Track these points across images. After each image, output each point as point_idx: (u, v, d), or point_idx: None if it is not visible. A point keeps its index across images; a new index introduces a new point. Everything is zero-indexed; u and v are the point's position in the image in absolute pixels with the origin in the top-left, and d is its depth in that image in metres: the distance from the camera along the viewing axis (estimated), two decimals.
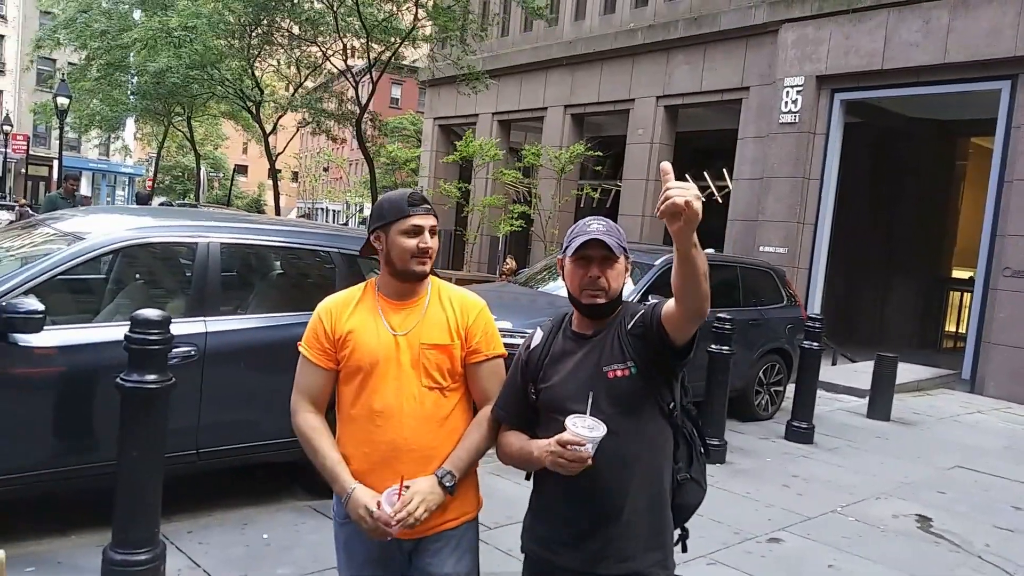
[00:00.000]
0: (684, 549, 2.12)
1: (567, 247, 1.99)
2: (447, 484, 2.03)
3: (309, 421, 2.10)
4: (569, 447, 1.80)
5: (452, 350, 2.11)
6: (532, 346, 2.10)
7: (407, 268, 2.07)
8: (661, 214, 1.65)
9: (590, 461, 1.81)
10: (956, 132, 15.00)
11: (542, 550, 2.04)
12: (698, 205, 1.63)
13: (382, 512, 1.93)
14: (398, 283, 2.11)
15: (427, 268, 2.09)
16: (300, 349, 2.14)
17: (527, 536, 2.11)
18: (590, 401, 1.87)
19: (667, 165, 1.68)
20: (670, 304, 1.84)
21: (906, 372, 10.19)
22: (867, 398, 8.73)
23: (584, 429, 1.81)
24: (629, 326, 1.95)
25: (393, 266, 2.09)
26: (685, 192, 1.62)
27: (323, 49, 19.87)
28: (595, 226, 1.99)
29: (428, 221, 2.09)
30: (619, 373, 1.92)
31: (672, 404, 1.96)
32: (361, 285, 2.19)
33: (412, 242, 2.06)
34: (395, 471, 2.00)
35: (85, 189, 43.95)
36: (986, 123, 11.65)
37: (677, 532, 2.09)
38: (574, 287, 1.99)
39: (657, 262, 7.39)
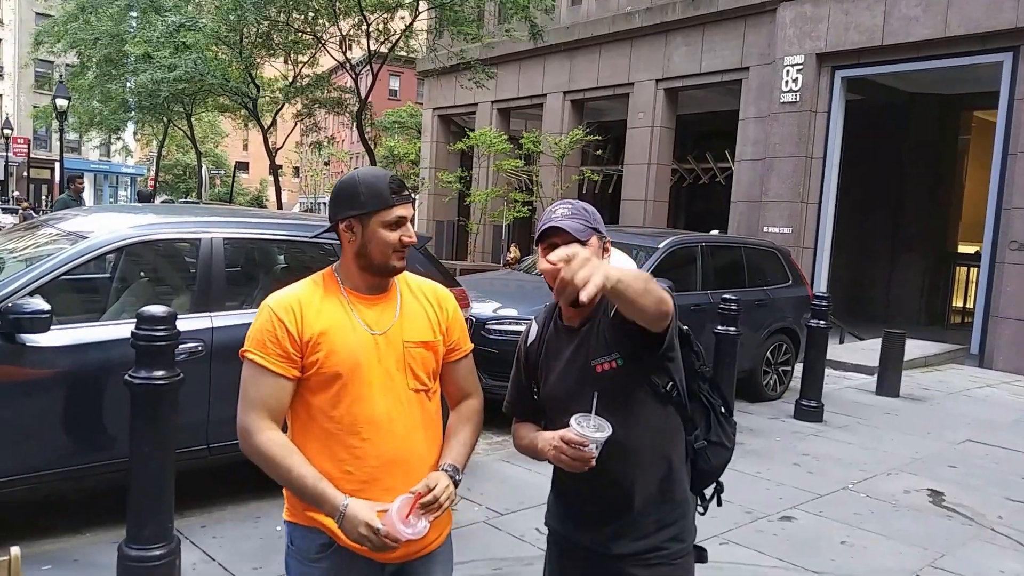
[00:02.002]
0: (719, 503, 2.13)
1: (535, 234, 1.96)
2: (456, 479, 1.86)
3: (274, 438, 1.77)
4: (573, 446, 1.78)
5: (436, 347, 1.94)
6: (529, 341, 2.07)
7: (386, 263, 1.85)
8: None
9: (593, 462, 1.80)
10: (958, 106, 14.90)
11: (561, 528, 2.07)
12: (592, 288, 1.49)
13: (392, 526, 1.70)
14: (370, 277, 1.88)
15: (404, 263, 1.88)
16: (250, 356, 1.80)
17: (549, 514, 2.13)
18: (595, 401, 1.83)
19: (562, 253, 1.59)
20: None
21: (914, 348, 10.18)
22: (876, 375, 8.72)
23: (590, 429, 1.78)
24: (611, 315, 1.89)
25: (368, 259, 1.84)
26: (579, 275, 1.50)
27: (319, 38, 19.78)
28: (559, 211, 1.92)
29: (409, 211, 1.88)
30: (606, 366, 1.87)
31: (670, 384, 1.92)
32: (315, 278, 1.92)
33: (395, 235, 1.83)
34: (384, 488, 1.79)
35: (87, 191, 44.01)
36: (988, 96, 11.57)
37: (711, 488, 2.09)
38: (547, 275, 1.92)
39: (661, 245, 7.38)
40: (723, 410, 2.04)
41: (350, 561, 1.82)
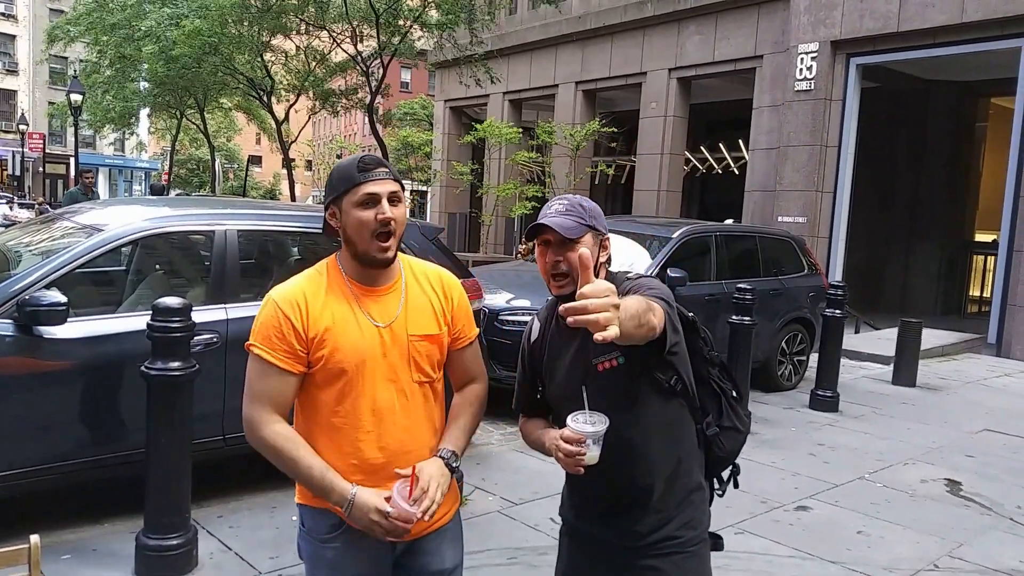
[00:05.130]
0: (736, 485, 2.11)
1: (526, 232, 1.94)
2: (453, 464, 1.86)
3: (280, 431, 1.78)
4: (573, 444, 1.76)
5: (442, 339, 1.91)
6: (532, 339, 2.04)
7: (368, 252, 1.79)
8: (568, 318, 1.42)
9: (588, 460, 1.76)
10: (976, 93, 14.73)
11: (574, 519, 2.07)
12: (614, 333, 1.41)
13: (400, 508, 1.72)
14: (363, 267, 1.82)
15: (390, 254, 1.80)
16: (256, 352, 1.79)
17: (563, 506, 2.12)
18: (585, 396, 1.81)
19: (585, 255, 1.51)
20: None
21: (931, 337, 10.10)
22: (892, 365, 8.66)
23: (585, 425, 1.76)
24: None
25: (354, 246, 1.81)
26: (601, 316, 1.39)
27: (333, 35, 19.81)
28: (554, 207, 1.89)
29: (386, 187, 1.78)
30: (607, 364, 1.84)
31: (675, 378, 1.88)
32: (319, 267, 1.88)
33: (369, 214, 1.76)
34: (388, 479, 1.79)
35: (102, 185, 44.30)
36: (1006, 83, 11.44)
37: (727, 471, 2.07)
38: (542, 273, 1.91)
39: (674, 235, 7.35)
40: (735, 394, 2.02)
41: (361, 541, 1.82)
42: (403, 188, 1.86)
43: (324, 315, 1.79)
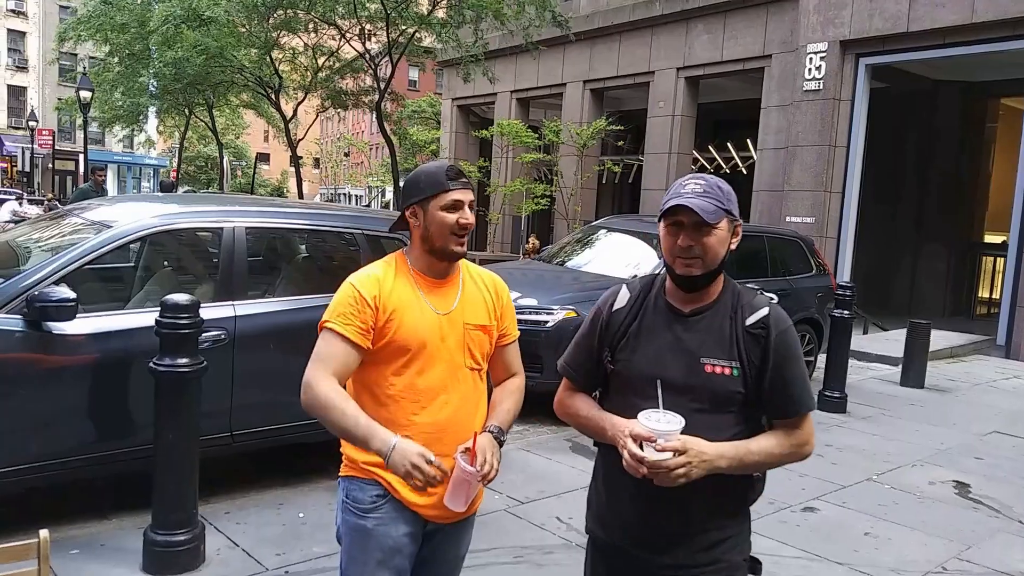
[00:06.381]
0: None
1: (661, 209, 1.79)
2: (501, 439, 2.01)
3: (335, 387, 1.90)
4: (637, 441, 1.67)
5: (491, 331, 2.10)
6: (616, 307, 1.89)
7: (446, 247, 2.00)
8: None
9: (646, 466, 1.67)
10: (985, 94, 14.65)
11: (607, 536, 1.92)
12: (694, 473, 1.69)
13: (466, 471, 1.86)
14: (435, 261, 2.03)
15: (464, 248, 2.03)
16: (331, 326, 1.95)
17: (591, 516, 1.97)
18: (660, 393, 1.72)
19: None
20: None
21: (939, 339, 10.06)
22: (900, 366, 8.62)
23: (661, 424, 1.67)
24: (748, 322, 1.77)
25: (431, 243, 2.00)
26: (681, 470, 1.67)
27: (342, 31, 19.83)
28: (690, 186, 1.75)
29: (467, 196, 2.02)
30: (719, 370, 1.75)
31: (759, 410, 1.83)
32: (389, 260, 2.08)
33: (452, 217, 1.98)
34: (439, 455, 1.89)
35: (111, 182, 44.47)
36: (1016, 83, 11.42)
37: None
38: (667, 254, 1.80)
39: None
40: None
41: (399, 515, 1.99)
42: (475, 195, 2.10)
43: (394, 296, 1.99)
